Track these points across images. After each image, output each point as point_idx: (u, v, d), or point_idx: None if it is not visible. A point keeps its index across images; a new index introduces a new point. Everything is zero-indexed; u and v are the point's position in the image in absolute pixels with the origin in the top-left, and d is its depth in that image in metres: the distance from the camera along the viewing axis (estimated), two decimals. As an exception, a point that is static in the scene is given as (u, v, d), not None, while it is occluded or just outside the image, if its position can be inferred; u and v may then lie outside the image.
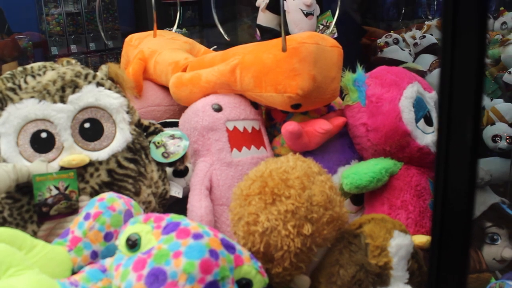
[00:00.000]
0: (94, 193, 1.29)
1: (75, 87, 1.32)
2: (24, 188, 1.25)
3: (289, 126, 1.49)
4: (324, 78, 1.50)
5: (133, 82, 1.78)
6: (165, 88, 1.86)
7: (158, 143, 1.42)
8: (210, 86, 1.59)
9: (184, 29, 5.63)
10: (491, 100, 2.91)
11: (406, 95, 1.50)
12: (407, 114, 1.48)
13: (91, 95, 1.33)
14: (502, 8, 3.96)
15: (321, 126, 1.52)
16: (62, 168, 1.28)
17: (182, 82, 1.64)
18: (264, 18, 2.31)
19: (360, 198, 1.58)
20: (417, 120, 1.50)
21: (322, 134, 1.53)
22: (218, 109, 1.52)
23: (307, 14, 2.23)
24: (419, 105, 1.52)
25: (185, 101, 1.66)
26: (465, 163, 0.54)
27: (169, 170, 1.49)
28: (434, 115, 1.58)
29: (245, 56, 1.56)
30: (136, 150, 1.38)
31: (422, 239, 1.37)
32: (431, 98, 1.58)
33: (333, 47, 1.54)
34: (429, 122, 1.53)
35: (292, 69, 1.46)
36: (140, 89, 1.83)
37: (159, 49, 1.93)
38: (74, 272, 1.07)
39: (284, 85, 1.47)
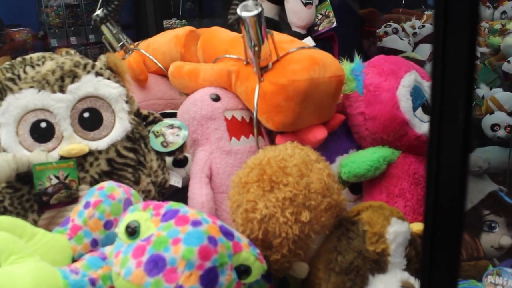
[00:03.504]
0: (94, 182, 1.29)
1: (74, 77, 1.32)
2: (24, 178, 1.26)
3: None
4: (314, 109, 1.46)
5: (137, 69, 1.78)
6: (167, 82, 1.86)
7: (157, 132, 1.43)
8: (207, 84, 1.58)
9: (183, 21, 5.61)
10: (490, 89, 2.91)
11: (404, 84, 1.50)
12: (405, 102, 1.48)
13: (90, 84, 1.33)
14: (502, -3, 3.94)
15: (316, 136, 1.49)
16: (62, 158, 1.28)
17: (180, 74, 1.63)
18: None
19: (359, 187, 1.59)
20: (414, 109, 1.51)
21: (316, 143, 1.50)
22: (216, 98, 1.53)
23: (306, 4, 2.23)
24: (416, 93, 1.52)
25: (182, 90, 1.67)
26: (458, 145, 0.55)
27: (168, 160, 1.49)
28: (432, 104, 1.58)
29: (240, 68, 1.52)
30: (135, 140, 1.38)
31: (419, 227, 1.37)
32: (429, 86, 1.59)
33: (332, 77, 1.44)
34: (427, 110, 1.54)
35: (277, 106, 1.42)
36: (146, 76, 1.82)
37: (151, 40, 1.93)
38: (74, 260, 1.08)
39: (267, 116, 1.45)
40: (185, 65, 1.64)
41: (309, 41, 1.77)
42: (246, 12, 1.29)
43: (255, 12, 1.29)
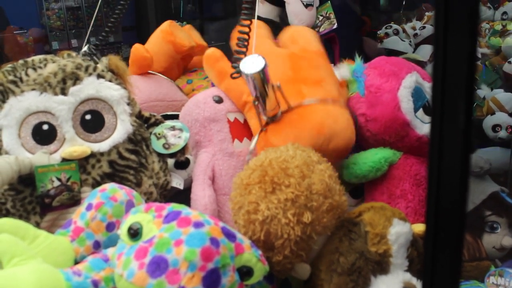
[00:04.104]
0: (96, 184, 1.30)
1: (76, 79, 1.33)
2: (26, 180, 1.26)
3: None
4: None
5: (141, 48, 1.78)
6: (168, 83, 1.87)
7: (159, 134, 1.43)
8: (225, 92, 1.57)
9: (184, 23, 5.61)
10: (491, 90, 2.91)
11: (405, 85, 1.50)
12: (406, 103, 1.49)
13: (91, 87, 1.33)
14: (502, -2, 3.95)
15: None
16: (64, 160, 1.29)
17: (212, 66, 1.58)
18: (263, 10, 2.31)
19: (359, 191, 1.59)
20: (416, 110, 1.51)
21: None
22: (219, 100, 1.53)
23: (307, 5, 2.24)
24: (418, 94, 1.52)
25: (207, 73, 1.66)
26: (459, 146, 0.55)
27: (170, 162, 1.50)
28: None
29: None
30: (137, 142, 1.38)
31: (421, 228, 1.37)
32: (430, 88, 1.59)
33: (334, 150, 1.39)
34: (428, 111, 1.54)
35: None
36: (151, 54, 1.82)
37: None
38: (76, 262, 1.08)
39: None
40: (221, 60, 1.57)
41: (344, 70, 1.61)
42: (247, 68, 1.27)
43: (256, 69, 1.26)
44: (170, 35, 1.90)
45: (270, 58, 1.50)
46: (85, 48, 1.81)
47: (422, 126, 1.51)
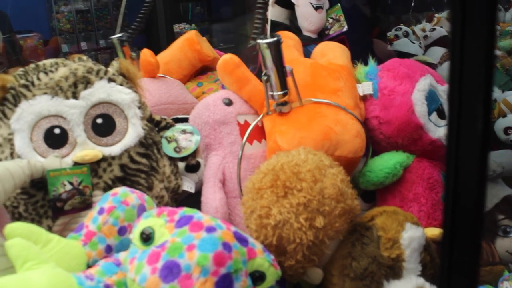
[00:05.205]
0: (107, 188, 1.30)
1: (87, 83, 1.33)
2: (38, 184, 1.26)
3: None
4: None
5: (147, 52, 1.80)
6: (178, 86, 1.87)
7: (170, 138, 1.43)
8: (245, 97, 1.55)
9: (193, 25, 5.63)
10: (503, 92, 2.89)
11: (419, 88, 1.49)
12: (420, 107, 1.48)
13: (103, 90, 1.34)
14: (513, -1, 3.92)
15: None
16: (76, 164, 1.29)
17: (230, 72, 1.52)
18: (273, 12, 2.30)
19: (371, 195, 1.58)
20: (429, 113, 1.50)
21: None
22: (229, 103, 1.53)
23: (316, 8, 2.23)
24: (431, 98, 1.51)
25: (221, 79, 1.61)
26: (476, 151, 0.54)
27: (181, 165, 1.50)
28: (446, 108, 1.57)
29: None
30: (148, 145, 1.38)
31: (434, 232, 1.36)
32: (443, 91, 1.58)
33: (340, 157, 1.36)
34: (441, 115, 1.53)
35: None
36: (156, 59, 1.83)
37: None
38: (89, 266, 1.08)
39: None
40: (240, 66, 1.53)
41: (367, 86, 1.56)
42: (262, 39, 1.32)
43: (268, 40, 1.30)
44: (197, 44, 1.94)
45: (292, 64, 1.51)
46: (119, 35, 1.83)
47: (436, 129, 1.50)
